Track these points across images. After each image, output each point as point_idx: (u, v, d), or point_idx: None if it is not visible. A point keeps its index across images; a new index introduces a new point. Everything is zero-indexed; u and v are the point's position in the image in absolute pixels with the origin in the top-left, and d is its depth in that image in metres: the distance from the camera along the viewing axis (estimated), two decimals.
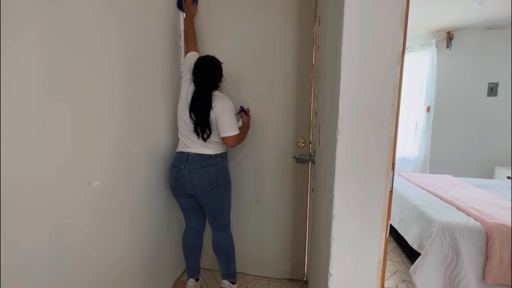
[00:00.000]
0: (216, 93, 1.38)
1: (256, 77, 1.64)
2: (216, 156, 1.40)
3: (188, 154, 1.37)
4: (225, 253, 1.52)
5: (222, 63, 1.42)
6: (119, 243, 1.17)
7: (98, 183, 1.02)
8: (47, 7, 0.80)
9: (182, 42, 1.69)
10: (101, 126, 1.04)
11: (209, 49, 1.66)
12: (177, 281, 1.75)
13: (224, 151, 1.47)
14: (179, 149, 1.43)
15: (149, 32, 1.35)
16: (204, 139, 1.35)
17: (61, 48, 0.85)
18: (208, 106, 1.32)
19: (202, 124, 1.33)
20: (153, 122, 1.41)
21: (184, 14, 1.65)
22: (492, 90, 3.24)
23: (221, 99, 1.36)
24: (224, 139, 1.38)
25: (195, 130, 1.35)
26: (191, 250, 1.56)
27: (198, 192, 1.38)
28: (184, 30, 1.66)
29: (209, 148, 1.39)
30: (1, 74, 0.69)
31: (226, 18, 1.63)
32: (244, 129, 1.53)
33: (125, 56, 1.16)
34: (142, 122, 1.32)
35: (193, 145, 1.39)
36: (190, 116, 1.35)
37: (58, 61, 0.84)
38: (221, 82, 1.43)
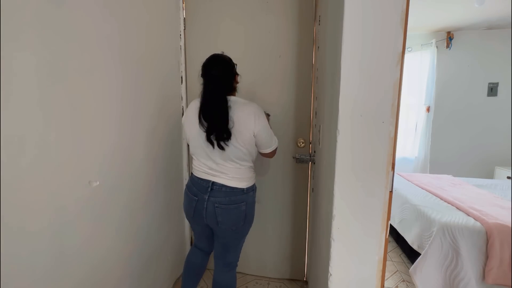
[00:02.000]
0: (238, 100, 1.13)
1: (256, 77, 1.64)
2: (248, 189, 1.18)
3: (213, 182, 1.13)
4: None
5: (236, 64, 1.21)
6: (119, 242, 1.17)
7: (98, 182, 1.02)
8: (46, 6, 0.80)
9: (182, 42, 1.69)
10: (101, 126, 1.04)
11: (209, 49, 1.66)
12: (177, 281, 1.75)
13: (255, 181, 1.26)
14: (200, 175, 1.17)
15: (149, 32, 1.35)
16: (221, 147, 1.08)
17: (61, 48, 0.85)
18: (224, 108, 1.06)
19: (218, 128, 1.05)
20: (153, 123, 1.41)
21: (184, 14, 1.64)
22: (492, 90, 3.24)
23: (252, 107, 1.11)
24: (263, 154, 1.22)
25: (208, 139, 1.08)
26: (194, 270, 1.36)
27: (220, 228, 1.16)
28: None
29: (241, 180, 1.15)
30: (0, 74, 0.69)
31: (226, 18, 1.63)
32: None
33: (126, 56, 1.16)
34: (142, 122, 1.31)
35: (219, 173, 1.13)
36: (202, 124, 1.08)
37: (58, 60, 0.84)
38: (236, 82, 1.19)
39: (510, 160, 3.22)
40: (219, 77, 1.08)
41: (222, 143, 1.07)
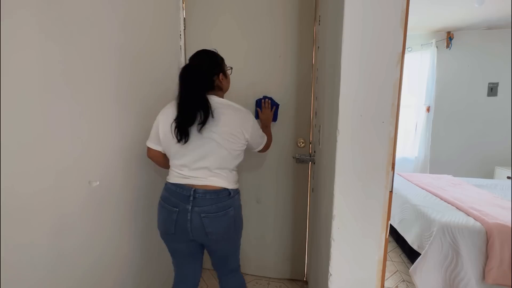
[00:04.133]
0: (228, 102, 1.05)
1: (256, 77, 1.64)
2: (233, 192, 1.06)
3: (194, 190, 0.99)
4: None
5: (230, 68, 1.16)
6: (119, 242, 1.17)
7: (98, 182, 1.02)
8: (46, 6, 0.80)
9: (182, 42, 1.69)
10: (102, 126, 1.04)
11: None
12: None
13: (238, 182, 1.14)
14: (176, 180, 1.03)
15: (149, 32, 1.35)
16: (203, 124, 0.95)
17: (61, 48, 0.85)
18: (203, 99, 0.97)
19: (195, 107, 0.95)
20: (153, 123, 1.40)
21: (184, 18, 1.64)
22: (492, 90, 3.24)
23: (245, 113, 1.05)
24: (257, 151, 1.20)
25: (180, 128, 0.96)
26: None
27: (210, 240, 1.04)
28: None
29: (221, 178, 1.02)
30: (1, 72, 0.69)
31: (227, 18, 1.63)
32: (267, 133, 1.26)
33: (126, 55, 1.16)
34: (142, 122, 1.31)
35: (199, 174, 1.00)
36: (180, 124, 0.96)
37: (58, 61, 0.84)
38: (219, 79, 1.07)
39: (510, 160, 3.22)
40: (197, 66, 1.01)
41: (200, 119, 0.95)
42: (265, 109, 1.51)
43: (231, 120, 1.01)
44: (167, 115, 1.03)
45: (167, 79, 1.55)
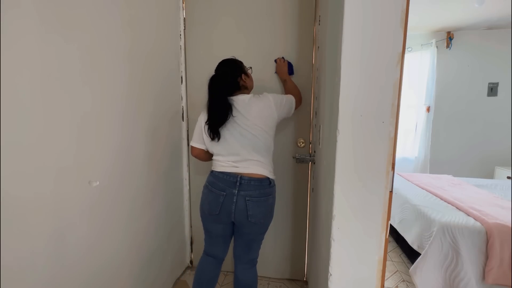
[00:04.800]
0: (249, 96, 1.22)
1: (256, 77, 1.63)
2: (272, 183, 1.22)
3: (241, 176, 1.15)
4: None
5: (250, 68, 1.35)
6: (119, 242, 1.17)
7: (98, 183, 1.02)
8: (47, 6, 0.80)
9: (182, 42, 1.69)
10: (102, 126, 1.04)
11: (210, 50, 1.66)
12: (177, 281, 1.75)
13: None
14: (222, 169, 1.19)
15: (149, 32, 1.35)
16: (217, 134, 1.17)
17: (61, 48, 0.85)
18: (224, 103, 1.16)
19: (222, 109, 1.15)
20: (153, 123, 1.41)
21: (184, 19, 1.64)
22: (492, 90, 3.24)
23: (262, 96, 1.22)
24: (297, 97, 1.36)
25: (211, 129, 1.17)
26: (206, 281, 1.30)
27: (249, 222, 1.17)
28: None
29: (263, 167, 1.19)
30: (1, 72, 0.69)
31: (227, 18, 1.63)
32: (290, 88, 1.44)
33: (126, 55, 1.16)
34: (142, 122, 1.31)
35: (245, 163, 1.17)
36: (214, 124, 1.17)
37: (59, 61, 0.84)
38: (243, 81, 1.25)
39: (510, 160, 3.22)
40: (222, 75, 1.20)
41: (218, 129, 1.17)
42: (279, 61, 1.57)
43: (257, 110, 1.18)
44: (203, 119, 1.24)
45: (167, 79, 1.55)
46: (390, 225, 1.62)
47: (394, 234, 2.33)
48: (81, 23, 0.92)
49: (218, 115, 1.16)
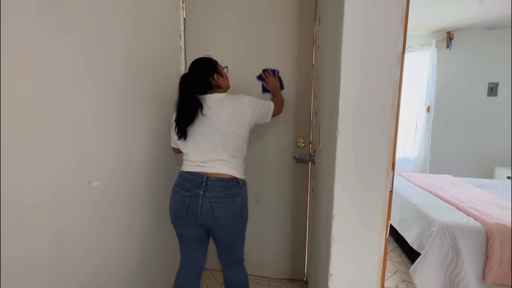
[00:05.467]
0: (224, 95, 1.19)
1: (256, 77, 1.63)
2: (241, 183, 1.17)
3: (207, 177, 1.11)
4: None
5: (225, 67, 1.32)
6: (118, 242, 1.17)
7: (98, 182, 1.02)
8: (46, 5, 0.80)
9: (182, 42, 1.69)
10: (101, 126, 1.04)
11: (210, 50, 1.66)
12: None
13: (245, 176, 1.25)
14: (189, 169, 1.16)
15: (149, 32, 1.34)
16: (184, 134, 1.15)
17: (61, 48, 0.85)
18: (193, 102, 1.14)
19: (191, 108, 1.13)
20: (153, 123, 1.41)
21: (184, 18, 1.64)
22: (492, 90, 3.24)
23: (239, 96, 1.19)
24: (277, 107, 1.33)
25: (178, 127, 1.14)
26: None
27: (217, 225, 1.13)
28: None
29: (231, 167, 1.15)
30: (0, 73, 0.69)
31: (227, 18, 1.63)
32: (276, 99, 1.40)
33: (126, 55, 1.16)
34: (142, 122, 1.31)
35: (212, 163, 1.13)
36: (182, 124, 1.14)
37: (58, 61, 0.84)
38: (215, 79, 1.20)
39: (510, 160, 3.22)
40: (189, 76, 1.19)
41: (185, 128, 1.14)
42: (269, 77, 1.55)
43: (229, 109, 1.15)
44: (173, 118, 1.21)
45: (167, 79, 1.55)
46: (390, 225, 1.62)
47: (394, 234, 2.33)
48: (81, 23, 0.92)
49: (186, 114, 1.13)
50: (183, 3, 1.67)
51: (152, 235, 1.44)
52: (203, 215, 1.11)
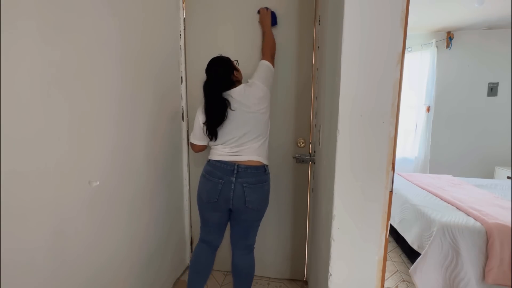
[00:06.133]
0: (242, 86, 1.28)
1: None
2: (267, 170, 1.29)
3: (238, 165, 1.21)
4: (249, 278, 1.36)
5: (236, 61, 1.39)
6: (118, 242, 1.17)
7: (98, 182, 1.02)
8: (46, 5, 0.80)
9: (182, 42, 1.69)
10: (102, 126, 1.04)
11: (209, 49, 1.66)
12: (177, 281, 1.75)
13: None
14: (220, 158, 1.25)
15: (149, 32, 1.34)
16: (215, 134, 1.23)
17: (61, 48, 0.85)
18: (221, 102, 1.22)
19: (220, 109, 1.21)
20: (153, 123, 1.41)
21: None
22: (492, 90, 3.24)
23: (249, 85, 1.28)
24: (271, 56, 1.39)
25: (208, 126, 1.23)
26: (202, 268, 1.35)
27: (246, 208, 1.23)
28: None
29: (259, 155, 1.25)
30: (0, 73, 0.69)
31: (226, 18, 1.63)
32: (265, 43, 1.44)
33: (126, 56, 1.16)
34: (142, 122, 1.31)
35: (242, 151, 1.23)
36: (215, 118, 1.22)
37: (58, 61, 0.84)
38: (235, 77, 1.30)
39: (510, 160, 3.22)
40: (215, 79, 1.25)
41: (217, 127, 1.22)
42: (262, 11, 1.54)
43: (254, 95, 1.24)
44: (200, 119, 1.28)
45: (167, 79, 1.55)
46: (390, 225, 1.62)
47: (394, 234, 2.33)
48: (80, 23, 0.92)
49: (216, 116, 1.21)
50: (183, 3, 1.67)
51: (152, 235, 1.44)
52: (235, 199, 1.22)
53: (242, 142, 1.23)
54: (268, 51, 1.40)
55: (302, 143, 1.64)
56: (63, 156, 0.88)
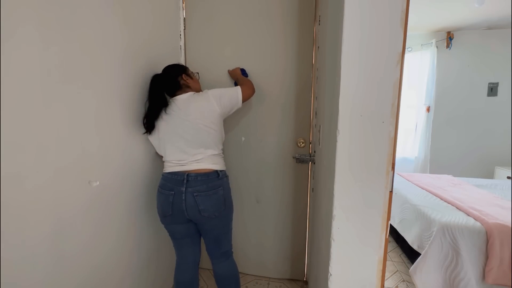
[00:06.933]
0: (190, 94, 1.23)
1: (256, 76, 1.63)
2: (221, 175, 1.22)
3: (187, 174, 1.16)
4: (233, 284, 1.29)
5: (197, 73, 1.40)
6: (118, 242, 1.17)
7: (98, 183, 1.02)
8: (47, 5, 0.80)
9: (182, 42, 1.69)
10: (102, 125, 1.04)
11: (209, 50, 1.66)
12: None
13: (225, 168, 1.29)
14: (171, 169, 1.21)
15: (148, 32, 1.34)
16: (150, 127, 1.22)
17: (61, 48, 0.85)
18: (159, 101, 1.22)
19: (158, 105, 1.21)
20: None
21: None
22: (492, 90, 3.24)
23: (198, 95, 1.22)
24: (242, 100, 1.28)
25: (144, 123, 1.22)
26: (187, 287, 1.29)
27: (204, 218, 1.18)
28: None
29: (210, 162, 1.20)
30: (0, 73, 0.69)
31: (226, 18, 1.63)
32: (241, 82, 1.39)
33: (126, 55, 1.16)
34: (142, 122, 1.31)
35: (191, 161, 1.18)
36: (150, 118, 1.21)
37: (58, 61, 0.84)
38: (183, 79, 1.26)
39: (510, 160, 3.22)
40: (159, 76, 1.26)
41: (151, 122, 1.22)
42: (230, 70, 1.61)
43: (196, 105, 1.19)
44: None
45: None
46: (390, 225, 1.62)
47: (394, 234, 2.33)
48: (80, 23, 0.92)
49: (154, 108, 1.21)
50: (183, 3, 1.67)
51: (151, 235, 1.44)
52: (188, 210, 1.16)
53: (188, 151, 1.18)
54: (245, 85, 1.33)
55: (302, 143, 1.64)
56: (63, 155, 0.88)
